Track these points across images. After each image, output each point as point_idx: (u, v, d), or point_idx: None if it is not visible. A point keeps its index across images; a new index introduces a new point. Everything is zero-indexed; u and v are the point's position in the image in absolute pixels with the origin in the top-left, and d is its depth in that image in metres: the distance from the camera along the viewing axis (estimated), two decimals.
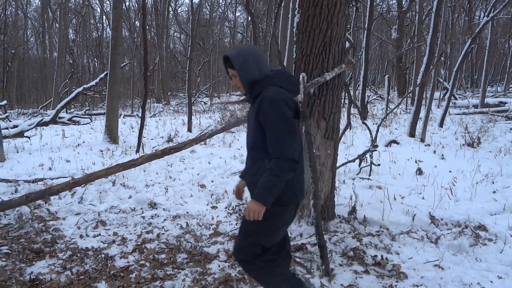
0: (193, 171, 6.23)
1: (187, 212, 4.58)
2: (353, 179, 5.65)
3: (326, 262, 3.14)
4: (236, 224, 4.24)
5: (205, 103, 21.51)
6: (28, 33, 33.50)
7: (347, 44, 4.43)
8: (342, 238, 3.70)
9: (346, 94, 4.82)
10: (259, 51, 2.19)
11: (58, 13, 25.24)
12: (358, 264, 3.29)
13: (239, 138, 9.52)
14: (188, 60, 12.27)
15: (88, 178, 3.45)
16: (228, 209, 4.67)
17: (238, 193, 2.51)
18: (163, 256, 3.49)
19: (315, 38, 3.76)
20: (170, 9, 31.44)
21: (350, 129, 9.30)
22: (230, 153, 7.62)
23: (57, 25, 27.29)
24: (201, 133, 3.65)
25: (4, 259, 3.27)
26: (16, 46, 26.62)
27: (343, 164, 5.48)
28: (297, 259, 3.34)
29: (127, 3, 26.27)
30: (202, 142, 8.39)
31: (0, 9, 24.89)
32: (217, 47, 32.66)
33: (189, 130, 10.62)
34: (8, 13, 28.28)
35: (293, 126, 2.02)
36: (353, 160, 5.86)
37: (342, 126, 4.40)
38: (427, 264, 3.29)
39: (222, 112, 16.22)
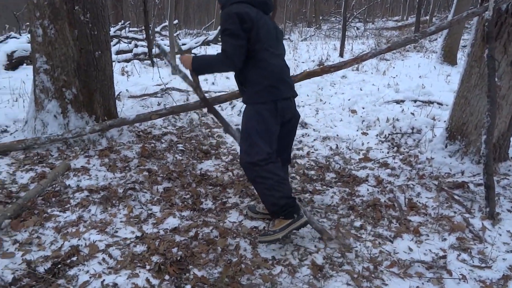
0: (343, 96, 6.10)
1: (337, 135, 4.58)
2: None
3: (492, 205, 2.82)
4: (388, 152, 4.08)
5: (357, 28, 20.24)
6: None
7: None
8: None
9: None
10: None
11: None
12: None
13: (395, 66, 8.83)
14: None
15: None
16: (380, 137, 4.50)
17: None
18: (312, 172, 3.63)
19: None
20: None
21: None
22: (384, 81, 7.16)
23: None
24: (361, 52, 3.46)
25: (180, 155, 3.85)
26: None
27: None
28: (456, 197, 3.09)
29: None
30: (354, 68, 8.05)
31: None
32: None
33: (341, 55, 10.26)
34: None
35: (236, 38, 2.24)
36: None
37: None
38: None
39: (376, 38, 15.15)
